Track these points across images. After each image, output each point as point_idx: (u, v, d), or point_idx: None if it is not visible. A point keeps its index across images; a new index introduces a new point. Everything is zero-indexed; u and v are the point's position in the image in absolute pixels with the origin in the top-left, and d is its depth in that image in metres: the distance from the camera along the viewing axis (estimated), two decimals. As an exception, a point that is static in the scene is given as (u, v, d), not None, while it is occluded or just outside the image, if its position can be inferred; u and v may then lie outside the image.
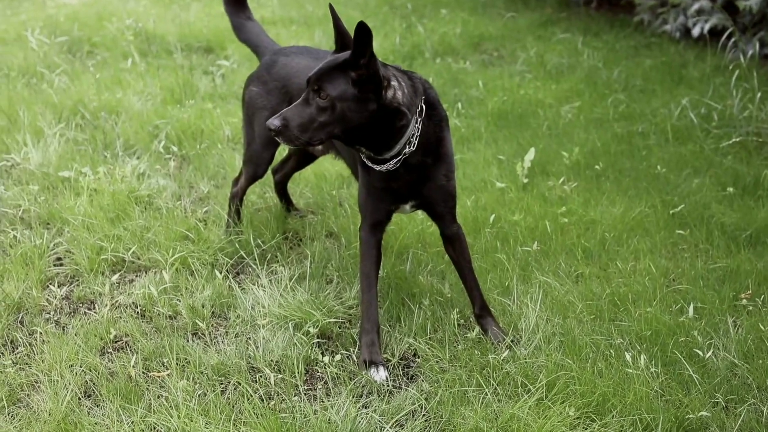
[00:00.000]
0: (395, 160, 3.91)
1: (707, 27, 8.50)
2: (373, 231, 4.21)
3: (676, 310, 4.43)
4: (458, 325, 4.34)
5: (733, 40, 8.09)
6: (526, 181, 5.83)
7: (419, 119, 3.90)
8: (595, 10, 9.95)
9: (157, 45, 8.38)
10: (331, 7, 3.93)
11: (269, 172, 5.26)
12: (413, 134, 3.88)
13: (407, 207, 4.18)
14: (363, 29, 3.55)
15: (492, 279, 4.71)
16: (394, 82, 3.79)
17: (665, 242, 5.15)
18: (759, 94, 6.65)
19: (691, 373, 3.86)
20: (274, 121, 3.70)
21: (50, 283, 4.74)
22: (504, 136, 6.58)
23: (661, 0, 9.09)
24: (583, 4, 10.13)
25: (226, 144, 6.35)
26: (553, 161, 6.15)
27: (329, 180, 5.84)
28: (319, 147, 4.81)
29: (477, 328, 4.29)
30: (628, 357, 3.93)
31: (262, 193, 5.64)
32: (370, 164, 3.97)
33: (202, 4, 9.92)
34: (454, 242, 4.30)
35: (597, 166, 6.02)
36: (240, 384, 3.88)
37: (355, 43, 3.62)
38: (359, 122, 3.73)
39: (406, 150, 3.89)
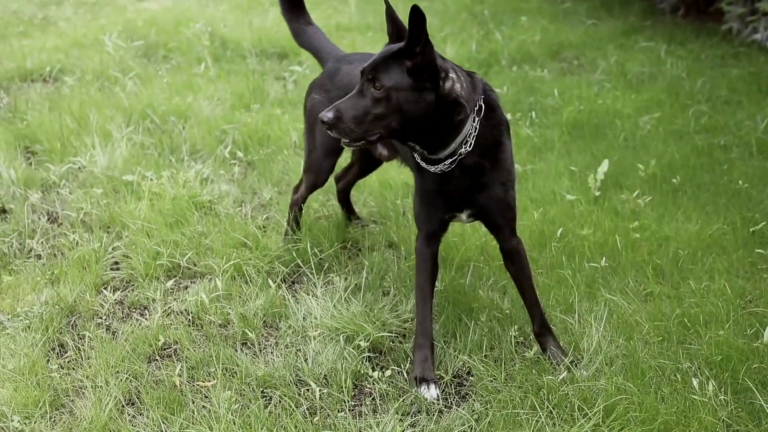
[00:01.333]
0: (450, 160, 3.73)
1: (799, 37, 8.15)
2: (429, 242, 4.04)
3: (750, 334, 4.17)
4: (516, 343, 4.16)
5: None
6: (598, 194, 5.60)
7: (477, 118, 3.72)
8: (682, 18, 9.63)
9: (232, 50, 8.36)
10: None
11: (331, 180, 5.13)
12: (470, 133, 3.70)
13: (464, 216, 4.00)
14: (417, 13, 3.38)
15: (555, 296, 4.52)
16: (452, 74, 3.61)
17: (743, 262, 4.88)
18: None
19: (762, 403, 3.61)
20: (327, 114, 3.53)
21: (105, 288, 4.70)
22: (578, 147, 6.36)
23: (751, 8, 8.73)
24: (669, 12, 9.81)
25: (292, 150, 6.26)
26: (627, 174, 5.91)
27: (394, 188, 5.69)
28: (384, 152, 4.68)
29: (536, 347, 4.10)
30: (695, 383, 3.70)
31: (325, 200, 5.52)
32: (423, 164, 3.80)
33: (279, 9, 9.86)
34: (513, 257, 4.11)
35: (674, 180, 5.76)
36: (284, 397, 3.75)
37: (410, 29, 3.45)
38: (416, 114, 3.55)
39: (462, 150, 3.71)
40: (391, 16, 3.74)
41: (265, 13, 9.61)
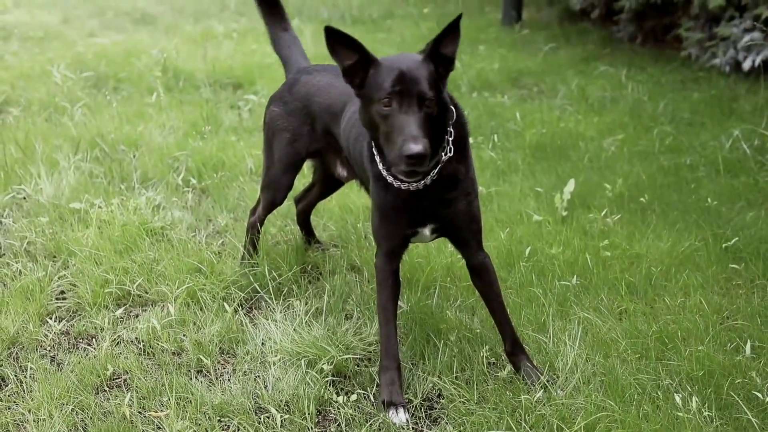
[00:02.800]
0: (434, 171, 3.53)
1: (759, 60, 8.08)
2: (389, 259, 3.81)
3: (731, 348, 3.99)
4: (488, 363, 3.94)
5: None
6: (565, 213, 5.42)
7: (451, 121, 3.55)
8: (640, 46, 9.57)
9: (185, 80, 8.12)
10: None
11: (291, 200, 4.92)
12: (450, 138, 3.54)
13: (427, 232, 3.77)
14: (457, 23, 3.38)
15: (527, 314, 4.31)
16: None
17: (717, 278, 4.72)
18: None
19: (750, 417, 3.42)
20: (418, 147, 3.14)
21: (50, 318, 4.41)
22: (542, 168, 6.20)
23: (709, 34, 8.70)
24: (627, 40, 9.75)
25: (248, 176, 6.03)
26: (594, 193, 5.75)
27: (354, 212, 5.48)
28: (344, 172, 4.47)
29: (509, 367, 3.87)
30: (677, 399, 3.51)
31: (283, 225, 5.29)
32: (397, 183, 3.57)
33: (234, 42, 9.68)
34: (481, 273, 3.90)
35: (642, 199, 5.61)
36: (244, 425, 3.49)
37: (446, 36, 3.37)
38: (439, 122, 3.41)
39: (443, 157, 3.52)
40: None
41: (219, 46, 9.40)
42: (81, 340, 4.25)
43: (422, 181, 3.54)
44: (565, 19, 10.65)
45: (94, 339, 4.26)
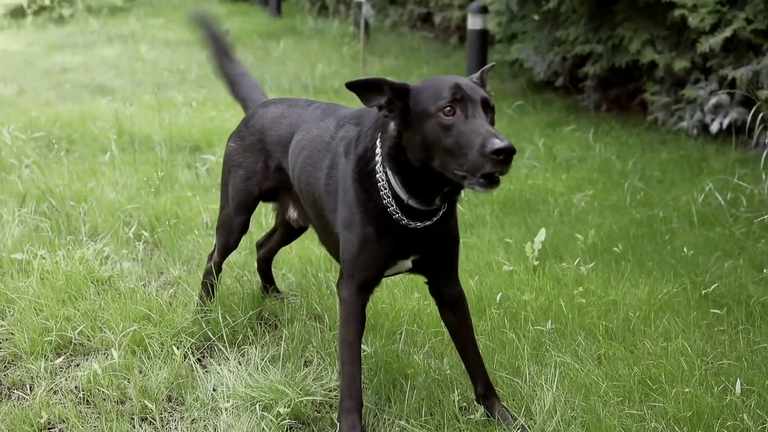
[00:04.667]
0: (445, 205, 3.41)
1: (726, 122, 7.98)
2: (361, 291, 3.49)
3: (719, 390, 3.72)
4: (459, 408, 3.63)
5: (754, 133, 7.59)
6: (536, 263, 5.17)
7: None
8: (606, 113, 9.47)
9: (140, 142, 7.85)
10: None
11: (248, 250, 4.62)
12: None
13: (408, 263, 3.50)
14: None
15: (500, 359, 4.02)
16: None
17: (699, 323, 4.47)
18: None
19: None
20: (506, 141, 2.89)
21: (-18, 368, 4.05)
22: (511, 222, 5.96)
23: (675, 97, 8.61)
24: (592, 108, 9.66)
25: (203, 230, 5.73)
26: (566, 244, 5.51)
27: (315, 263, 5.18)
28: (294, 215, 4.18)
29: (482, 410, 3.56)
30: (667, 439, 3.21)
31: (240, 276, 4.97)
32: (405, 221, 3.34)
33: (193, 110, 9.46)
34: (455, 306, 3.62)
35: (615, 249, 5.38)
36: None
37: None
38: None
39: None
40: None
41: (177, 113, 9.16)
42: (15, 390, 3.89)
43: (434, 218, 3.35)
44: (529, 89, 10.56)
45: (30, 388, 3.90)
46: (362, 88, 3.20)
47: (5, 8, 18.29)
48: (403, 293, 4.63)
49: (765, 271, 5.05)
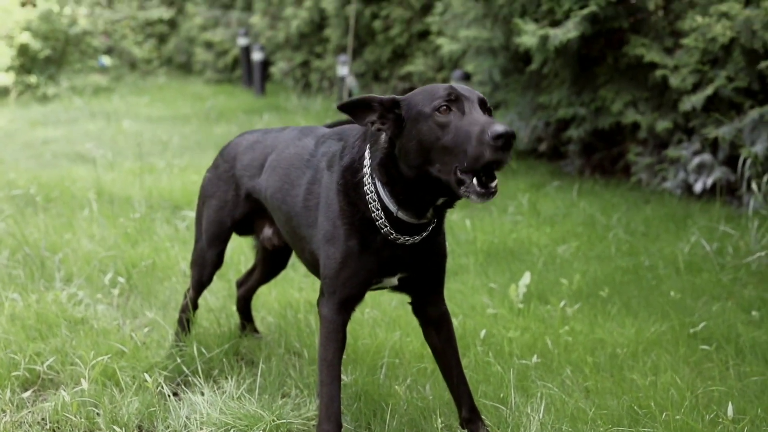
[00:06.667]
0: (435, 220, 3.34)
1: (710, 182, 7.95)
2: (342, 309, 3.38)
3: (710, 417, 3.60)
4: (443, 434, 3.49)
5: (737, 192, 7.57)
6: (521, 306, 5.05)
7: None
8: (590, 176, 9.45)
9: (120, 202, 7.74)
10: None
11: (224, 297, 4.51)
12: None
13: (394, 281, 3.41)
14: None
15: (485, 390, 3.88)
16: None
17: (688, 359, 4.36)
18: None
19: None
20: (504, 126, 2.84)
21: (-55, 403, 3.88)
22: (495, 270, 5.85)
23: (658, 157, 8.60)
24: (576, 173, 9.64)
25: (180, 277, 5.59)
26: (551, 288, 5.41)
27: (294, 305, 5.06)
28: (269, 232, 4.07)
29: (466, 434, 3.43)
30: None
31: (217, 318, 4.82)
32: (394, 235, 3.26)
33: (174, 174, 9.38)
34: (441, 325, 3.52)
35: (601, 293, 5.28)
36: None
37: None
38: None
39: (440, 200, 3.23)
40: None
41: (158, 176, 9.08)
42: (-21, 423, 3.73)
43: (424, 233, 3.28)
44: (513, 157, 10.54)
45: (-6, 422, 3.74)
46: (353, 108, 3.16)
47: (-12, 88, 18.38)
48: (385, 331, 4.51)
49: (753, 313, 4.96)
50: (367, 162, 3.26)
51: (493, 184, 2.93)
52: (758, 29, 7.13)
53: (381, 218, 3.22)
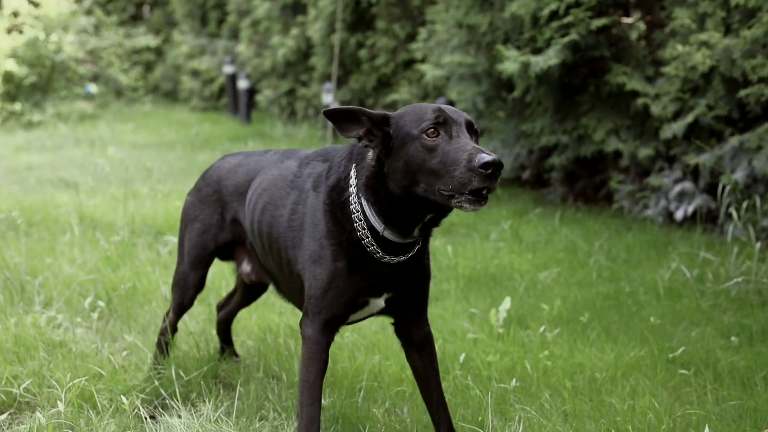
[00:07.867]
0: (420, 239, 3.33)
1: (691, 210, 7.99)
2: (326, 329, 3.38)
3: (689, 440, 3.61)
4: (421, 457, 3.48)
5: (718, 220, 7.61)
6: (501, 330, 5.06)
7: None
8: (572, 204, 9.49)
9: (103, 226, 7.73)
10: None
11: (204, 324, 4.50)
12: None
13: (381, 302, 3.40)
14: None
15: (463, 413, 3.88)
16: None
17: (666, 383, 4.37)
18: (757, 254, 6.04)
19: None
20: (492, 155, 2.87)
21: None
22: (476, 295, 5.87)
23: (640, 185, 8.65)
24: (559, 201, 9.68)
25: (161, 301, 5.58)
26: (532, 313, 5.42)
27: (274, 330, 5.05)
28: (248, 267, 4.07)
29: (443, 457, 3.42)
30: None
31: (196, 343, 4.81)
32: (380, 254, 3.26)
33: (158, 200, 9.38)
34: (423, 346, 3.52)
35: (582, 318, 5.29)
36: None
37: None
38: None
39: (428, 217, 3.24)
40: None
41: (141, 203, 9.08)
42: (-48, 447, 3.70)
43: (409, 253, 3.29)
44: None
45: (-31, 444, 3.71)
46: (340, 117, 3.16)
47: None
48: (364, 354, 4.51)
49: (732, 338, 4.98)
50: (353, 181, 3.26)
51: (484, 192, 2.94)
52: (737, 58, 7.20)
53: (367, 237, 3.23)
